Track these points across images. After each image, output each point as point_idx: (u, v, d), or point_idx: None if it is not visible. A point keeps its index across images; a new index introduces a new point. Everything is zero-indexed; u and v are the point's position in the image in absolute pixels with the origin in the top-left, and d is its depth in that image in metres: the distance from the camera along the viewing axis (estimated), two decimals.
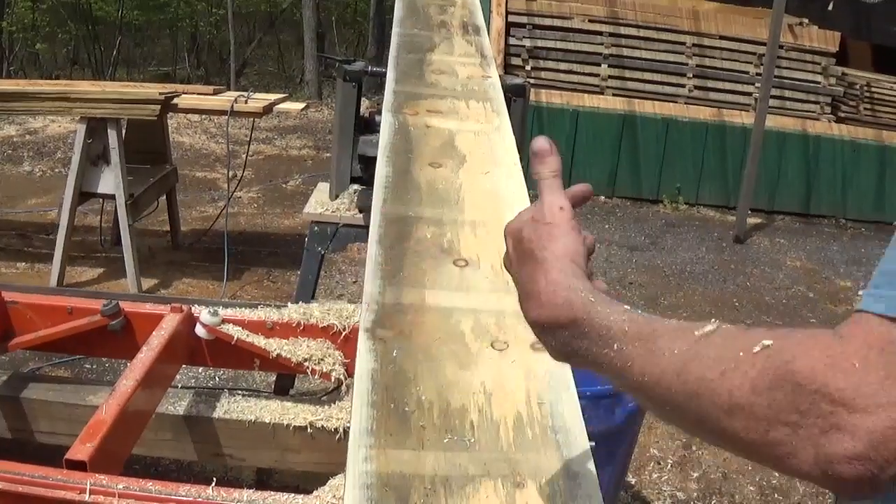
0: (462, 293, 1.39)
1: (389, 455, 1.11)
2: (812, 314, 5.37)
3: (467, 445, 1.11)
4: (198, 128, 9.12)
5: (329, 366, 2.71)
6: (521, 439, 1.12)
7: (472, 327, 1.32)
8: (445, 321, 1.33)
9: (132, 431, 2.29)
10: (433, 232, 1.56)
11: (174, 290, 5.11)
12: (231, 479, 3.22)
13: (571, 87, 7.78)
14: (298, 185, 7.45)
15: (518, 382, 1.20)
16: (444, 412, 1.17)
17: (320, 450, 2.64)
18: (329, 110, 10.26)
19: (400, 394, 1.21)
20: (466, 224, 1.58)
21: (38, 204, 6.47)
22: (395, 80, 2.19)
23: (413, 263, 1.48)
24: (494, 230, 1.51)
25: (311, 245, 3.26)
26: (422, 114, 2.02)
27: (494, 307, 1.35)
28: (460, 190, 1.70)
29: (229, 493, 1.90)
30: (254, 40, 16.80)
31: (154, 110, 4.76)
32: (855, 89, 7.74)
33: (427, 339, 1.30)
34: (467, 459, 1.09)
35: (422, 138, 1.91)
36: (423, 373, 1.24)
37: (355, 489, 1.04)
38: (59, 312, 2.72)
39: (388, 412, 1.17)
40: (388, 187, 1.76)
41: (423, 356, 1.28)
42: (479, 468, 1.08)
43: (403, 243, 1.55)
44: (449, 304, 1.36)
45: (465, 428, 1.14)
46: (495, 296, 1.37)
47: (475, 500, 1.03)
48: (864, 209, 7.64)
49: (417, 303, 1.37)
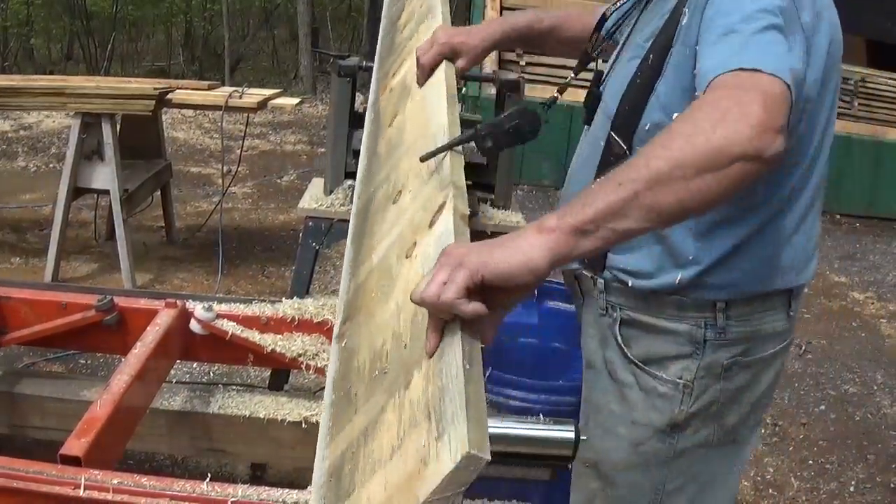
0: (396, 225, 1.41)
1: (337, 442, 1.15)
2: (806, 309, 5.38)
3: (384, 375, 1.16)
4: (192, 123, 9.11)
5: (324, 361, 2.71)
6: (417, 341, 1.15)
7: (398, 253, 1.34)
8: (383, 265, 1.35)
9: (127, 427, 2.29)
10: (384, 189, 1.58)
11: (169, 285, 5.10)
12: (225, 475, 3.23)
13: (566, 83, 7.76)
14: (293, 180, 7.45)
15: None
16: (372, 360, 1.22)
17: (315, 445, 2.64)
18: (324, 106, 10.25)
19: (347, 377, 1.25)
20: (404, 158, 1.59)
21: (33, 199, 6.46)
22: (375, 69, 2.20)
23: (370, 234, 1.51)
24: (419, 147, 1.52)
25: (305, 240, 3.26)
26: (388, 85, 2.02)
27: (415, 219, 1.37)
28: (404, 130, 1.72)
29: (224, 488, 1.90)
30: (248, 35, 16.76)
31: (148, 105, 4.75)
32: (849, 85, 7.74)
33: (369, 299, 1.33)
34: (382, 394, 1.13)
35: (386, 108, 1.93)
36: (362, 335, 1.27)
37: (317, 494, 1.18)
38: (53, 308, 2.72)
39: (340, 404, 1.22)
40: (360, 183, 1.79)
41: (364, 318, 1.31)
42: (386, 396, 1.12)
43: (365, 224, 1.57)
44: (387, 244, 1.39)
45: (383, 360, 1.19)
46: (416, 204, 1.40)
47: (383, 431, 1.07)
48: (858, 205, 7.65)
49: (367, 271, 1.40)
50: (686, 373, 1.67)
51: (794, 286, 1.70)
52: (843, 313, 5.50)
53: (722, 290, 1.64)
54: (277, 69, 15.27)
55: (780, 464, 3.78)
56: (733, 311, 1.65)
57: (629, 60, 1.70)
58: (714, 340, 1.66)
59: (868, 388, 4.52)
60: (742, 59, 1.28)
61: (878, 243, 7.02)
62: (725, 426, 1.71)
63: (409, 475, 0.94)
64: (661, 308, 1.68)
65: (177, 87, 5.11)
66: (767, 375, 1.73)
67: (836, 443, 3.99)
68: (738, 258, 1.63)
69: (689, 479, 1.74)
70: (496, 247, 1.13)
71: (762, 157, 1.18)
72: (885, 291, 5.93)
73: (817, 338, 5.05)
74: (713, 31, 1.39)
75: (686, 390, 1.67)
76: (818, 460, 3.84)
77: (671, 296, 1.66)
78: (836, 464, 3.83)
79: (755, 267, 1.64)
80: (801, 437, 4.01)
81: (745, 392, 1.70)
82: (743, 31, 1.34)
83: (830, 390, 4.46)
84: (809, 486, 3.66)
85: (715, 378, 1.67)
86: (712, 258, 1.62)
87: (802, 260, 1.70)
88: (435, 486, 0.88)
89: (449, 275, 1.08)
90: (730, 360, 1.67)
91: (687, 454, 1.72)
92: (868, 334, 5.20)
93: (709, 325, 1.65)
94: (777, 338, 1.71)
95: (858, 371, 4.69)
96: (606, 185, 1.18)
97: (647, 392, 1.70)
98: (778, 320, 1.69)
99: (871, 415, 4.26)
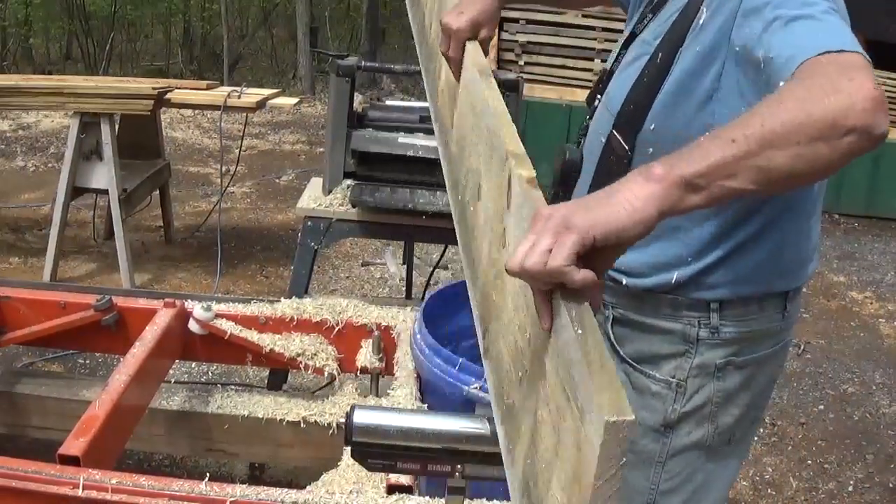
0: (487, 220, 1.40)
1: (516, 460, 1.12)
2: (804, 309, 5.39)
3: (526, 374, 1.12)
4: (191, 123, 9.10)
5: (322, 361, 2.72)
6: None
7: (496, 247, 1.32)
8: (491, 265, 1.34)
9: (125, 426, 2.29)
10: (469, 189, 1.56)
11: (167, 285, 5.10)
12: (224, 474, 3.22)
13: (565, 83, 7.78)
14: (292, 180, 7.44)
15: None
16: (514, 363, 1.18)
17: (313, 445, 2.65)
18: (322, 105, 10.23)
19: (502, 389, 1.24)
20: (472, 151, 1.59)
21: (31, 199, 6.45)
22: (425, 79, 2.19)
23: (473, 238, 1.49)
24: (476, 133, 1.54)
25: (304, 240, 3.26)
26: (439, 88, 2.01)
27: None
28: (462, 125, 1.73)
29: (222, 487, 1.90)
30: (247, 35, 16.77)
31: (147, 105, 4.75)
32: None
33: (491, 304, 1.32)
34: (531, 394, 1.09)
35: (443, 111, 1.93)
36: (500, 343, 1.24)
37: None
38: (52, 307, 2.72)
39: (506, 419, 1.19)
40: (449, 191, 1.79)
41: (495, 325, 1.28)
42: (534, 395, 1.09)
43: (466, 231, 1.56)
44: (486, 243, 1.38)
45: (521, 360, 1.15)
46: None
47: (544, 431, 1.01)
48: (857, 204, 7.64)
49: (482, 277, 1.40)
50: (679, 371, 1.67)
51: (790, 289, 1.69)
52: (841, 313, 5.50)
53: (718, 290, 1.63)
54: (276, 69, 15.27)
55: (778, 463, 3.79)
56: (728, 311, 1.64)
57: (635, 59, 1.67)
58: (708, 339, 1.65)
59: (867, 387, 4.52)
60: (826, 42, 1.22)
61: (876, 243, 7.02)
62: (721, 427, 1.70)
63: (574, 468, 0.88)
64: (656, 307, 1.68)
65: (175, 87, 5.11)
66: (763, 376, 1.73)
67: (834, 442, 3.99)
68: (736, 260, 1.62)
69: (685, 479, 1.73)
70: (600, 203, 1.05)
71: (874, 133, 1.14)
72: (884, 291, 5.93)
73: (816, 338, 5.05)
74: (773, 20, 1.34)
75: (679, 389, 1.67)
76: (817, 460, 3.84)
77: (666, 295, 1.66)
78: (834, 463, 3.83)
79: (753, 269, 1.63)
80: (799, 437, 4.01)
81: (740, 392, 1.70)
82: (813, 16, 1.30)
83: (829, 390, 4.47)
84: (808, 485, 3.66)
85: (708, 377, 1.67)
86: (710, 259, 1.62)
87: (800, 263, 1.69)
88: (594, 471, 0.82)
89: (554, 239, 0.98)
90: (723, 359, 1.66)
91: (681, 455, 1.71)
92: (867, 334, 5.20)
93: (703, 325, 1.65)
94: (772, 338, 1.70)
95: (857, 371, 4.69)
96: (717, 139, 1.11)
97: (640, 391, 1.69)
98: (773, 321, 1.68)
99: (869, 414, 4.26)
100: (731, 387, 1.68)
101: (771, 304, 1.67)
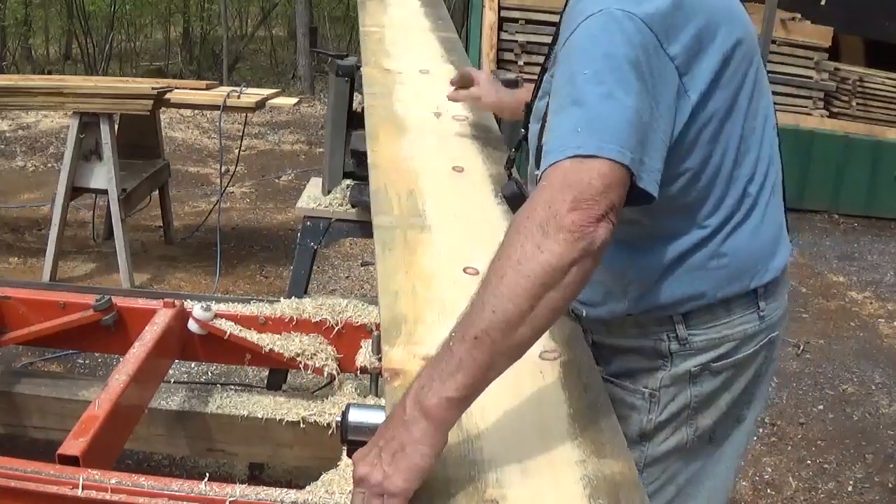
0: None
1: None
2: (804, 309, 5.39)
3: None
4: (190, 123, 9.10)
5: (322, 361, 2.72)
6: None
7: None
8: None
9: (125, 426, 2.29)
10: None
11: (167, 285, 5.10)
12: (223, 474, 3.22)
13: None
14: (291, 180, 7.44)
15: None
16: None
17: (313, 445, 2.65)
18: (322, 105, 10.23)
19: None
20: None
21: (31, 199, 6.45)
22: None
23: None
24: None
25: (303, 240, 3.26)
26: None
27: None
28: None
29: (222, 487, 1.90)
30: (246, 35, 16.75)
31: (147, 105, 4.75)
32: (847, 84, 7.74)
33: None
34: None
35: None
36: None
37: None
38: (52, 307, 2.72)
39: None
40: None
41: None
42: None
43: None
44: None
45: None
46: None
47: None
48: (856, 204, 7.63)
49: None
50: (652, 381, 1.65)
51: (757, 286, 1.64)
52: (841, 313, 5.50)
53: (674, 304, 1.61)
54: (275, 69, 15.26)
55: (778, 463, 3.79)
56: (694, 320, 1.62)
57: (539, 99, 1.71)
58: (680, 352, 1.63)
59: (866, 387, 4.52)
60: (580, 142, 1.30)
61: (876, 243, 7.01)
62: (700, 428, 1.68)
63: None
64: (622, 329, 1.67)
65: (175, 87, 5.12)
66: (745, 376, 1.69)
67: (834, 442, 3.99)
68: (684, 271, 1.59)
69: (667, 481, 1.72)
70: (398, 455, 1.21)
71: (591, 252, 1.24)
72: (884, 291, 5.93)
73: (815, 338, 5.05)
74: (560, 95, 1.40)
75: (652, 399, 1.65)
76: (816, 460, 3.84)
77: (628, 317, 1.65)
78: (834, 463, 3.83)
79: (705, 276, 1.59)
80: (799, 437, 4.01)
81: (720, 394, 1.68)
82: (587, 102, 1.34)
83: (829, 390, 4.47)
84: (807, 485, 3.66)
85: (683, 385, 1.65)
86: (654, 276, 1.59)
87: (760, 259, 1.64)
88: None
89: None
90: (698, 367, 1.64)
91: (660, 460, 1.70)
92: (866, 334, 5.20)
93: (671, 338, 1.63)
94: (751, 340, 1.66)
95: (857, 371, 4.69)
96: (463, 342, 1.23)
97: (617, 403, 1.67)
98: (747, 322, 1.65)
99: (869, 414, 4.26)
100: (709, 390, 1.66)
101: (739, 306, 1.64)
